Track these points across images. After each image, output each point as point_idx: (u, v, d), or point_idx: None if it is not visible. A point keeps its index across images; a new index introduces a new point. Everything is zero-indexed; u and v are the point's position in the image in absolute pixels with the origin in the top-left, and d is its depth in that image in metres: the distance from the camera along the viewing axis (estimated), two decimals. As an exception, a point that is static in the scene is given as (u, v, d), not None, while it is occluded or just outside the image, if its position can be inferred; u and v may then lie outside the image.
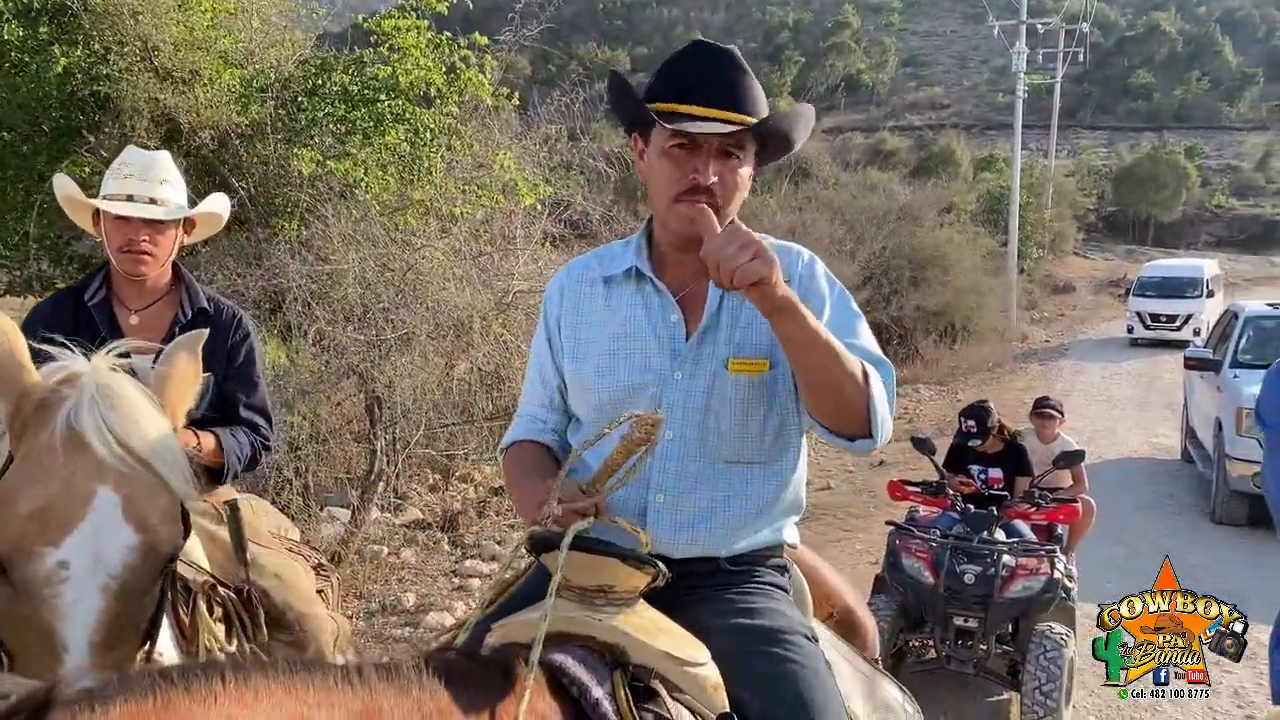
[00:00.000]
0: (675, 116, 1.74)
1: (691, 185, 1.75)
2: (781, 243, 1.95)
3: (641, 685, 1.51)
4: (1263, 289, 27.23)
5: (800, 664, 1.71)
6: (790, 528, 1.95)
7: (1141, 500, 9.16)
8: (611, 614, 1.58)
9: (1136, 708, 4.86)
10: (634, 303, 1.90)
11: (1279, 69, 65.48)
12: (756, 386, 1.83)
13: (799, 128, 1.85)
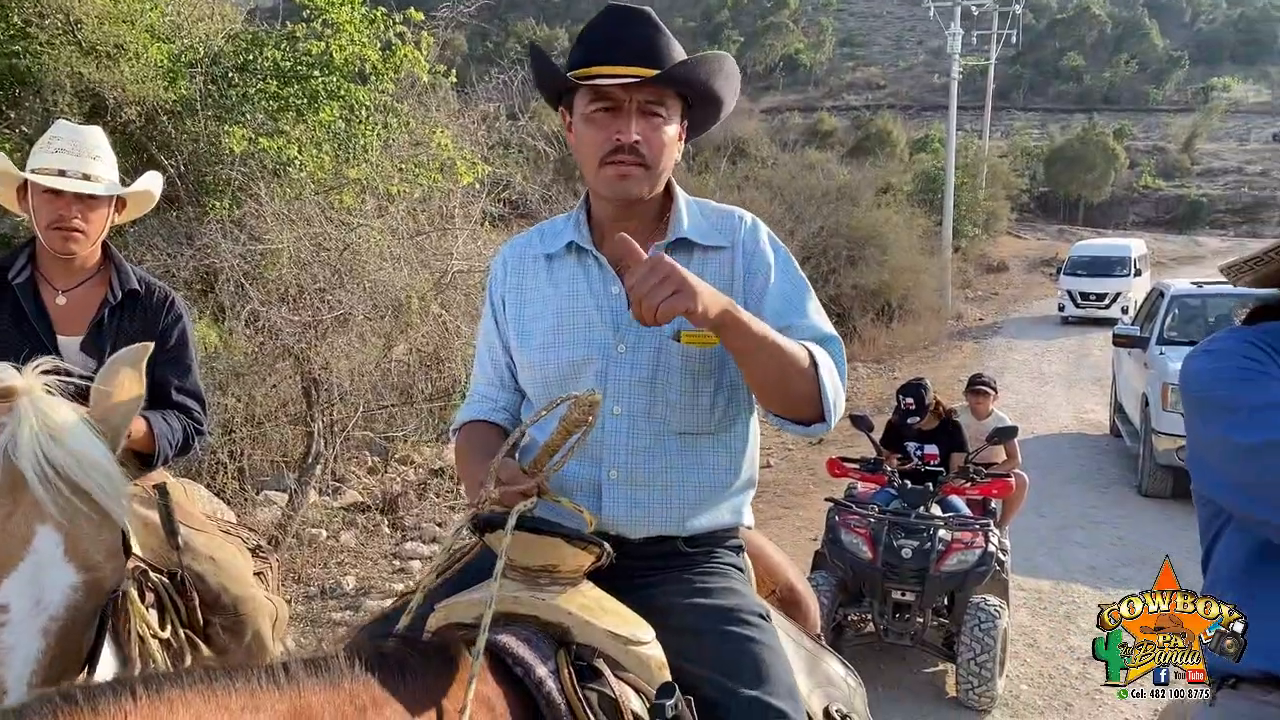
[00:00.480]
0: (590, 78, 1.74)
1: (615, 146, 1.75)
2: (723, 207, 1.95)
3: (585, 664, 1.50)
4: (1188, 268, 27.97)
5: (759, 641, 1.72)
6: (747, 507, 1.95)
7: (1072, 474, 9.39)
8: (556, 594, 1.57)
9: (1067, 676, 5.00)
10: (575, 277, 1.88)
11: (1204, 53, 67.11)
12: (705, 358, 1.82)
13: (718, 78, 1.82)
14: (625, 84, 1.72)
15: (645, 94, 1.75)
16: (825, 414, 1.71)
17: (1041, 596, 6.06)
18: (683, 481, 1.83)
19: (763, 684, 1.65)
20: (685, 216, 1.88)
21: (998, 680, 4.56)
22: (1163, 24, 68.58)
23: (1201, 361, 1.54)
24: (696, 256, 1.86)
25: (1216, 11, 74.44)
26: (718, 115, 1.91)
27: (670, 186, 1.92)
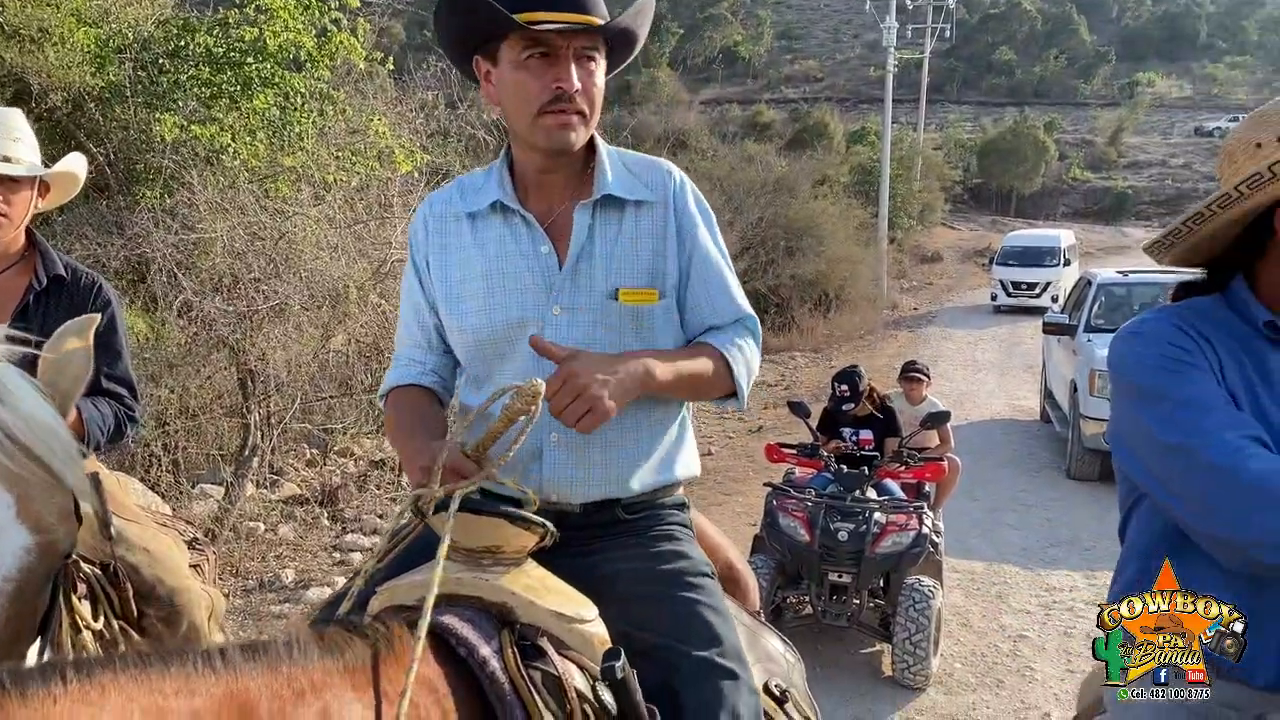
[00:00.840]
0: (531, 23, 1.67)
1: (556, 94, 1.69)
2: (647, 157, 1.91)
3: (530, 644, 1.50)
4: (1114, 258, 28.69)
5: (707, 604, 1.73)
6: (685, 457, 1.94)
7: (1003, 458, 9.62)
8: (499, 574, 1.57)
9: (999, 654, 5.14)
10: (503, 237, 1.83)
11: (1130, 49, 68.78)
12: (641, 316, 1.81)
13: (642, 25, 1.82)
14: (566, 30, 1.67)
15: (582, 40, 1.70)
16: (738, 394, 1.88)
17: (974, 577, 6.21)
18: (622, 442, 1.81)
19: (713, 645, 1.67)
20: (609, 170, 1.83)
21: (932, 659, 4.68)
22: (1091, 20, 70.10)
23: (1129, 345, 1.56)
24: (629, 212, 1.82)
25: (1141, 8, 76.28)
26: (629, 55, 1.88)
27: (593, 139, 1.86)
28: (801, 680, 2.11)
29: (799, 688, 2.07)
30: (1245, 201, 1.46)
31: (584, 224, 1.79)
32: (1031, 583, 6.14)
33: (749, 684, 1.70)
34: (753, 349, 1.89)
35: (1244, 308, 1.55)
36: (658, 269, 1.81)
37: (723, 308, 1.86)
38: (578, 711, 1.47)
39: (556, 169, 1.82)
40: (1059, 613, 5.65)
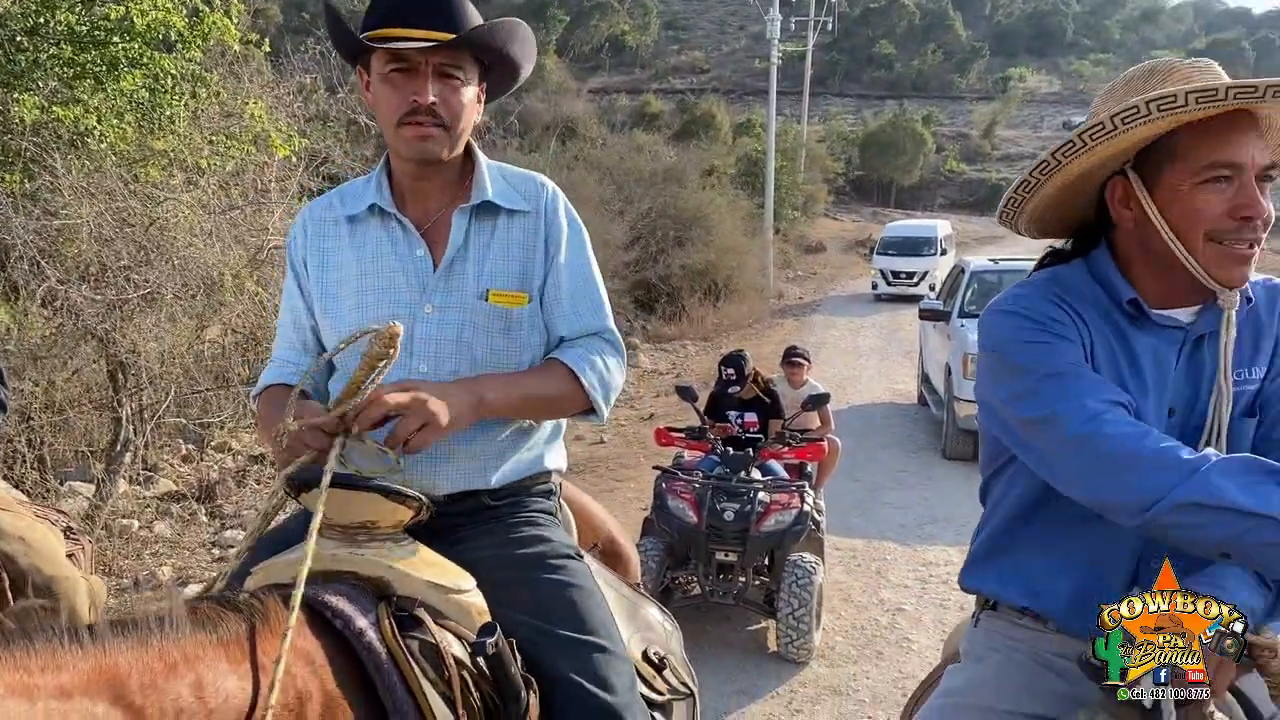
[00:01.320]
0: (386, 40, 1.76)
1: (412, 107, 1.77)
2: (524, 171, 1.99)
3: (407, 614, 1.52)
4: (988, 247, 29.74)
5: (571, 584, 1.79)
6: (555, 453, 2.00)
7: (882, 440, 9.93)
8: (374, 549, 1.58)
9: (878, 627, 5.32)
10: (379, 239, 1.89)
11: (1002, 44, 71.46)
12: (512, 318, 1.87)
13: (513, 43, 1.87)
14: (420, 48, 1.74)
15: (441, 57, 1.77)
16: (596, 409, 1.91)
17: (855, 554, 6.41)
18: (488, 437, 1.87)
19: (577, 623, 1.73)
20: (488, 180, 1.91)
21: (815, 633, 4.81)
22: (966, 16, 72.53)
23: (1000, 320, 1.59)
24: (501, 220, 1.90)
25: (1013, 6, 79.32)
26: (516, 79, 1.97)
27: (470, 149, 1.94)
28: (679, 647, 2.18)
29: (677, 654, 2.13)
30: (1087, 153, 1.50)
31: (460, 228, 1.87)
32: (909, 558, 6.37)
33: (619, 655, 1.76)
34: (613, 364, 1.92)
35: (1108, 281, 1.58)
36: (528, 274, 1.88)
37: (585, 318, 1.92)
38: (455, 677, 1.50)
39: (428, 177, 1.89)
40: (935, 586, 5.87)
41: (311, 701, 1.33)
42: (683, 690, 2.05)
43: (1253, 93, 1.37)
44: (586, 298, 1.93)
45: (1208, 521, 1.27)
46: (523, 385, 1.83)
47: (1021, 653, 1.62)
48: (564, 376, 1.86)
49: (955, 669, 1.74)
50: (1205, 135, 1.44)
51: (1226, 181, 1.44)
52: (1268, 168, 1.45)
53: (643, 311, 17.95)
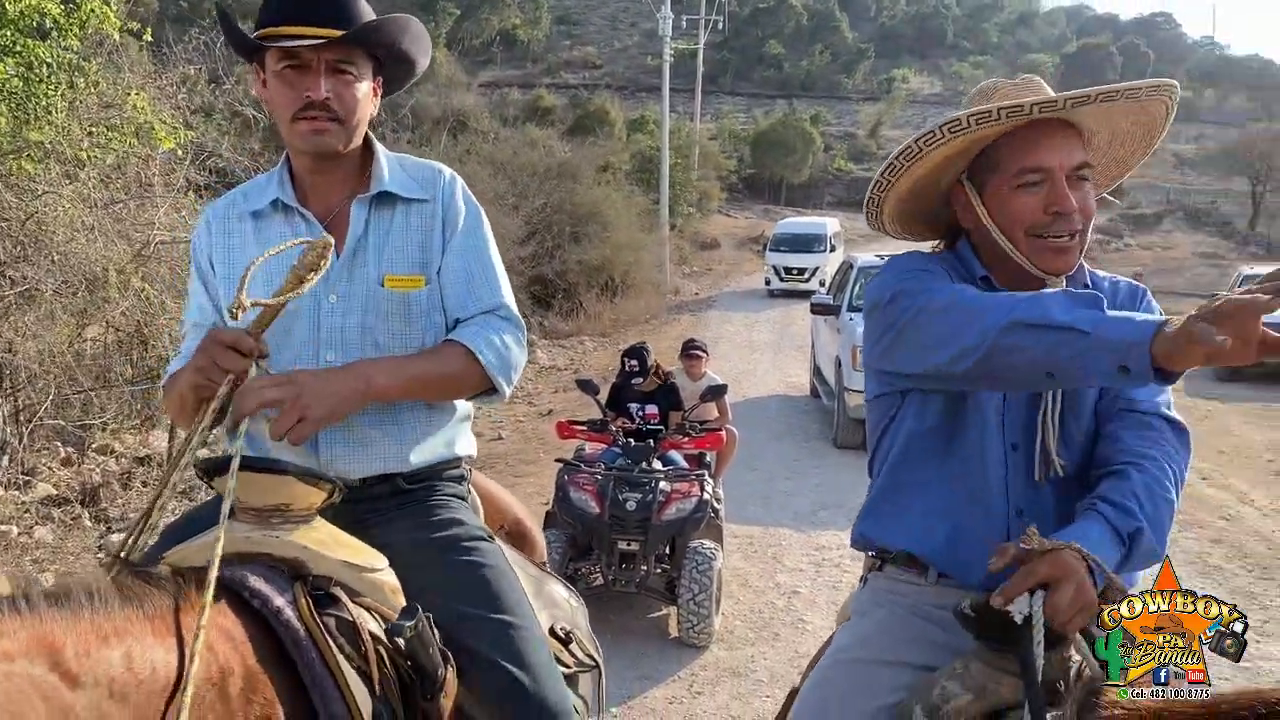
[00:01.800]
0: (278, 38, 1.79)
1: (306, 102, 1.80)
2: (423, 161, 2.03)
3: (323, 592, 1.56)
4: (875, 244, 30.49)
5: (485, 564, 1.85)
6: (464, 438, 2.04)
7: (778, 431, 10.17)
8: (289, 531, 1.61)
9: (775, 610, 5.48)
10: (283, 234, 1.90)
11: (887, 45, 73.29)
12: (410, 302, 1.90)
13: (405, 39, 1.91)
14: (311, 45, 1.78)
15: (333, 53, 1.81)
16: (497, 388, 1.91)
17: (752, 541, 6.58)
18: (399, 422, 1.91)
19: (491, 601, 1.79)
20: (386, 170, 1.95)
21: (714, 618, 4.94)
22: (852, 17, 74.12)
23: (880, 276, 1.76)
24: (400, 209, 1.94)
25: (896, 8, 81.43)
26: (412, 73, 2.01)
27: (369, 141, 1.98)
28: (585, 622, 2.27)
29: (583, 629, 2.22)
30: (923, 159, 1.68)
31: (360, 217, 1.91)
32: (803, 543, 6.57)
33: (533, 632, 1.83)
34: (511, 341, 1.93)
35: (966, 262, 1.76)
36: (426, 259, 1.93)
37: (481, 297, 1.95)
38: (372, 653, 1.54)
39: (327, 170, 1.92)
40: (828, 569, 6.07)
41: (233, 676, 1.36)
42: (589, 662, 2.14)
43: (1019, 110, 1.58)
44: (483, 277, 1.96)
45: (1033, 342, 1.39)
46: (416, 366, 1.84)
47: (903, 607, 1.76)
48: (460, 355, 1.87)
49: (845, 627, 1.87)
50: (1017, 145, 1.64)
51: (1039, 184, 1.63)
52: (1079, 167, 1.64)
53: (539, 307, 17.91)
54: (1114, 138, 1.76)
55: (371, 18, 1.85)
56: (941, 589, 1.72)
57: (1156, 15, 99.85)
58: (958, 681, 1.53)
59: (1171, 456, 1.65)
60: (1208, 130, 62.61)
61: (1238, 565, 6.37)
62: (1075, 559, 1.45)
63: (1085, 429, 1.73)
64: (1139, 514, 1.57)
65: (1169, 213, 44.91)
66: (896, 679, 1.65)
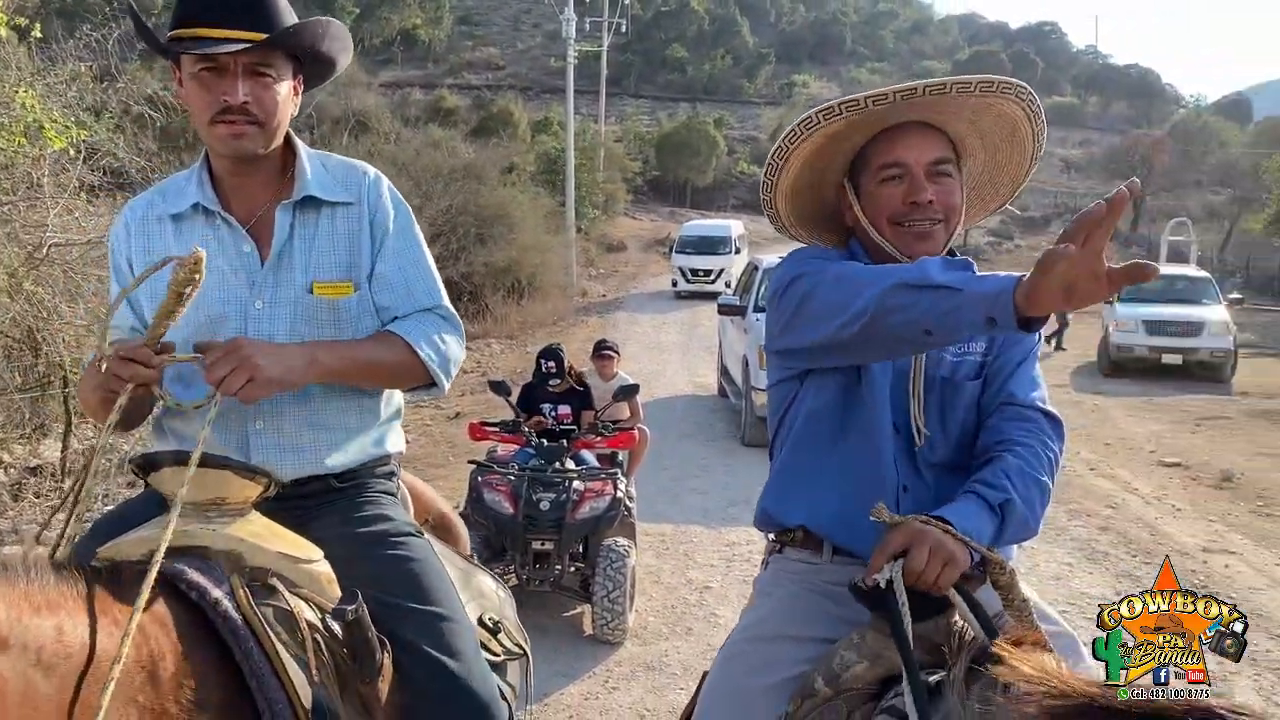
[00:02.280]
0: (195, 41, 1.77)
1: (223, 106, 1.80)
2: (347, 160, 2.04)
3: (260, 584, 1.59)
4: (779, 246, 31.02)
5: (414, 558, 1.89)
6: (394, 435, 2.08)
7: (686, 430, 10.32)
8: (225, 524, 1.63)
9: (687, 605, 5.59)
10: (206, 237, 1.90)
11: (787, 51, 74.51)
12: (337, 308, 1.92)
13: (325, 41, 1.92)
14: (228, 51, 1.76)
15: (252, 56, 1.80)
16: (436, 381, 1.96)
17: (664, 538, 6.68)
18: (329, 424, 1.93)
19: (422, 594, 1.84)
20: (309, 172, 1.95)
21: (629, 614, 5.02)
22: (753, 22, 75.16)
23: (784, 265, 1.88)
24: (325, 213, 1.94)
25: (796, 14, 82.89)
26: (333, 71, 2.02)
27: (291, 141, 1.98)
28: (512, 612, 2.33)
29: (510, 619, 2.29)
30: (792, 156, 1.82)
31: (285, 223, 1.91)
32: (714, 539, 6.70)
33: (461, 622, 1.87)
34: (450, 338, 1.98)
35: (856, 258, 1.88)
36: (354, 263, 1.94)
37: (418, 297, 1.98)
38: (309, 639, 1.58)
39: (248, 172, 1.91)
40: (738, 564, 6.21)
41: (164, 661, 1.39)
42: (516, 651, 2.21)
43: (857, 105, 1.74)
44: (419, 277, 1.99)
45: (913, 300, 1.51)
46: (358, 350, 1.88)
47: (803, 585, 1.87)
48: (400, 347, 1.90)
49: (749, 608, 1.99)
50: (880, 145, 1.81)
51: (899, 178, 1.79)
52: (937, 162, 1.79)
53: (445, 310, 17.77)
54: (985, 140, 1.88)
55: (292, 20, 1.85)
56: (838, 566, 1.84)
57: (1044, 24, 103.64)
58: (854, 650, 1.65)
59: (1046, 444, 1.79)
60: (1092, 136, 65.35)
61: (1124, 551, 6.72)
62: (925, 525, 1.59)
63: (964, 421, 1.86)
64: (1010, 489, 1.70)
65: (1057, 215, 46.68)
66: (799, 653, 1.76)
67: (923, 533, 1.58)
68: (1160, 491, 8.41)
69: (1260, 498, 8.26)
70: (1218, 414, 12.28)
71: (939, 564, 1.56)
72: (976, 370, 1.88)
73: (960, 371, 1.86)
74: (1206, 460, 9.62)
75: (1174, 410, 12.52)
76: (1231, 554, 6.69)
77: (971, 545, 1.60)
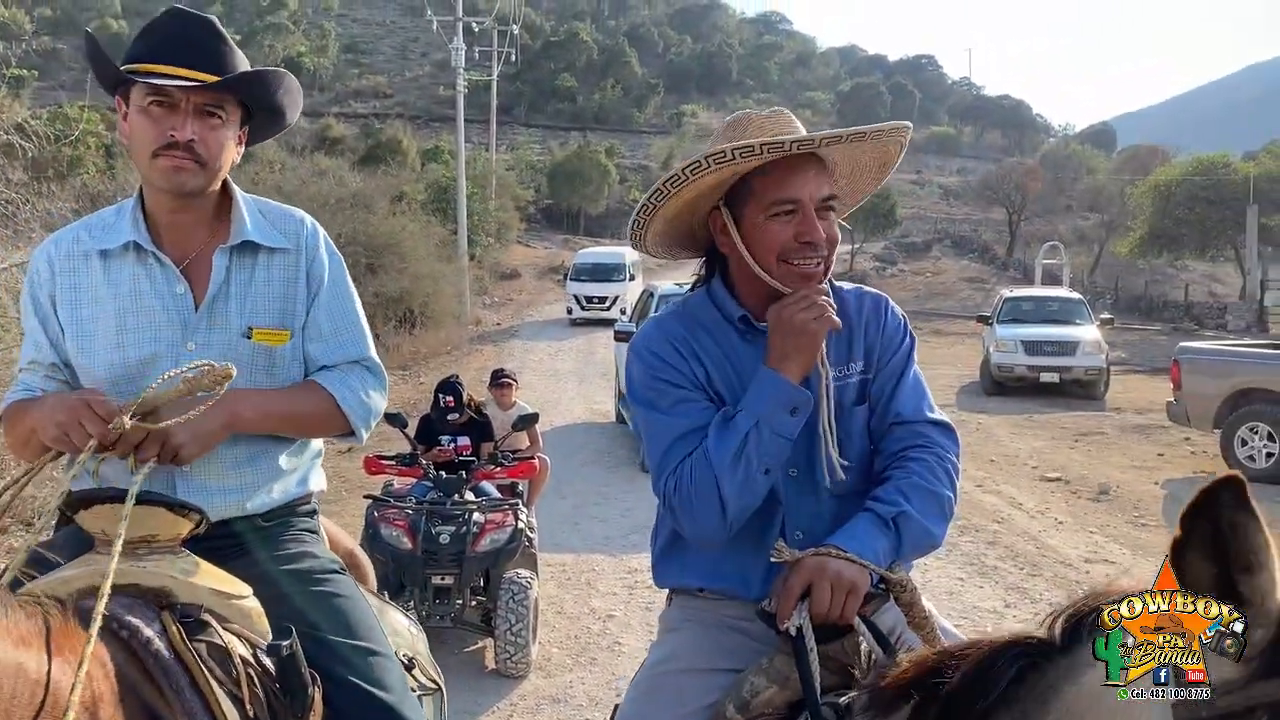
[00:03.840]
0: (150, 75, 1.79)
1: (169, 141, 1.80)
2: (283, 207, 2.05)
3: (193, 620, 1.58)
4: (671, 272, 31.33)
5: (339, 594, 1.90)
6: (316, 474, 2.08)
7: (586, 458, 10.30)
8: (155, 561, 1.62)
9: (590, 634, 5.55)
10: (137, 276, 1.89)
11: (676, 82, 75.68)
12: (275, 355, 1.93)
13: (278, 92, 1.94)
14: (185, 87, 1.78)
15: (203, 97, 1.82)
16: (356, 432, 1.98)
17: (566, 568, 6.63)
18: (254, 464, 1.93)
19: (349, 630, 1.84)
20: (247, 218, 1.95)
21: (532, 647, 4.96)
22: (641, 53, 76.13)
23: (631, 365, 1.87)
24: (262, 258, 1.94)
25: (683, 46, 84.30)
26: (281, 125, 2.04)
27: (229, 187, 1.98)
28: (425, 648, 2.34)
29: (423, 654, 2.28)
30: (689, 186, 1.77)
31: (221, 266, 1.91)
32: (616, 567, 6.68)
33: (390, 656, 1.89)
34: (373, 389, 2.01)
35: (722, 304, 1.86)
36: (289, 310, 1.95)
37: (346, 348, 2.00)
38: (243, 675, 1.58)
39: (184, 210, 1.91)
40: (641, 591, 6.20)
41: (104, 703, 1.37)
42: (431, 686, 2.21)
43: (780, 147, 1.70)
44: (348, 328, 2.01)
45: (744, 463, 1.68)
46: (279, 402, 1.90)
47: (708, 621, 1.88)
48: (323, 398, 1.93)
49: (657, 643, 1.99)
50: (770, 178, 1.74)
51: (790, 214, 1.75)
52: (826, 199, 1.77)
53: (336, 342, 17.39)
54: (854, 170, 1.91)
55: (247, 68, 1.87)
56: (742, 603, 1.84)
57: (921, 57, 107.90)
58: (763, 675, 1.67)
59: (940, 456, 1.80)
60: (969, 164, 68.03)
61: (1011, 565, 6.95)
62: (822, 557, 1.61)
63: (860, 448, 1.86)
64: (903, 502, 1.72)
65: (937, 240, 48.36)
66: (710, 683, 1.77)
67: (821, 568, 1.59)
68: (1043, 506, 8.73)
69: (1135, 509, 8.66)
70: (1094, 429, 12.84)
71: (842, 596, 1.58)
72: (859, 392, 1.87)
73: (846, 396, 1.85)
74: (1085, 474, 10.05)
75: (1053, 427, 13.05)
76: (1111, 564, 6.98)
77: (870, 568, 1.62)
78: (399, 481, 5.64)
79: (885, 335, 1.89)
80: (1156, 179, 35.47)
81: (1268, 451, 9.74)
